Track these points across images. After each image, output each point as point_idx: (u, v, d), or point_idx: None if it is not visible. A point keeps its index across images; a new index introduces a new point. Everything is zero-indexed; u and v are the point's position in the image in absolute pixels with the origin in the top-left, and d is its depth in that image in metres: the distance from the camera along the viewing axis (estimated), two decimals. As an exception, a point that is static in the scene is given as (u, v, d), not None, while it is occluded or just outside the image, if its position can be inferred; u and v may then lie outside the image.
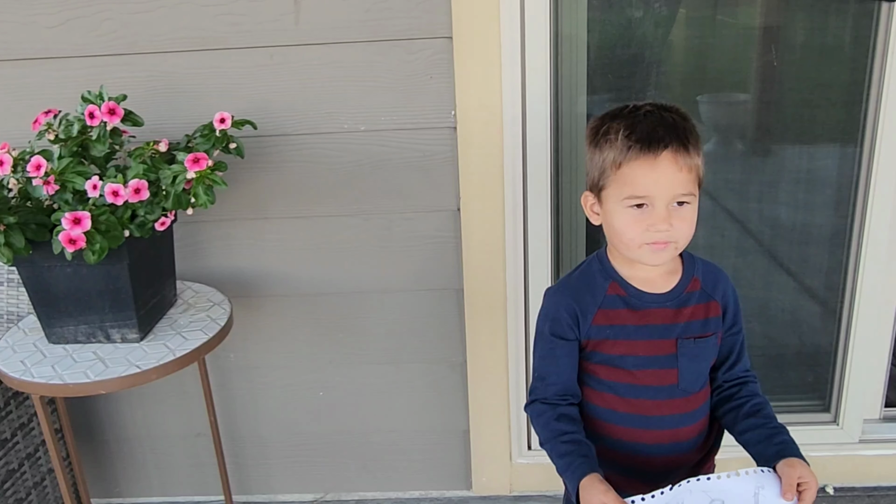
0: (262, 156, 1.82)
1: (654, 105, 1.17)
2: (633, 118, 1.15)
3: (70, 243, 1.34)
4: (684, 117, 1.16)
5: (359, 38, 1.73)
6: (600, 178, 1.17)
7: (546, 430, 1.23)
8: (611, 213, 1.18)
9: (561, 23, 1.81)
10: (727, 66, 1.99)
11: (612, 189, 1.16)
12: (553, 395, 1.25)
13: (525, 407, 1.30)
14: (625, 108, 1.18)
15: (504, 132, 1.79)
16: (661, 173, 1.11)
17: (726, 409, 1.28)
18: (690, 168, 1.13)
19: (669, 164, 1.11)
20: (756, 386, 1.29)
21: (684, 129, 1.14)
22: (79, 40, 1.73)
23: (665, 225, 1.12)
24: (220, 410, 2.04)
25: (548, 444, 1.22)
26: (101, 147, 1.51)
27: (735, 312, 1.27)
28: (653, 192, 1.12)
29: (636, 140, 1.12)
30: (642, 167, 1.12)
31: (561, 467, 1.19)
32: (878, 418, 2.12)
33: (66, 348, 1.55)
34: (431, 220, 1.88)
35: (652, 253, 1.16)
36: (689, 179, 1.14)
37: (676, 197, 1.13)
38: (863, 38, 1.82)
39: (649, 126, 1.13)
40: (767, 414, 1.23)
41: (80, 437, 2.07)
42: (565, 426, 1.22)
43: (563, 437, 1.20)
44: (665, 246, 1.15)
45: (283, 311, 1.97)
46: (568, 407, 1.25)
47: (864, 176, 1.88)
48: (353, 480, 2.16)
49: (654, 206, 1.13)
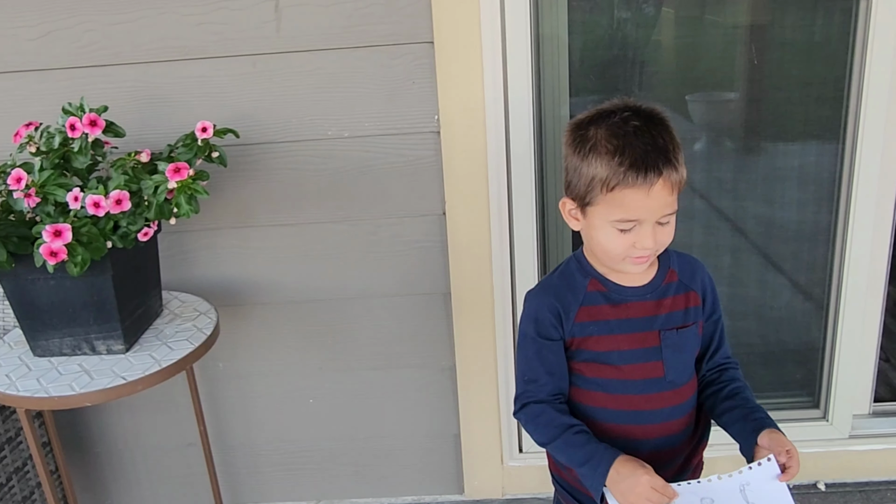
0: (247, 164, 1.82)
1: (636, 112, 1.15)
2: (621, 132, 1.12)
3: (51, 256, 1.33)
4: (668, 129, 1.15)
5: (341, 44, 1.73)
6: (587, 193, 1.15)
7: (550, 427, 1.22)
8: (595, 228, 1.18)
9: (542, 25, 1.81)
10: (712, 65, 1.99)
11: (601, 208, 1.15)
12: (547, 396, 1.25)
13: (515, 413, 1.28)
14: (606, 113, 1.16)
15: (488, 135, 1.79)
16: (653, 200, 1.12)
17: (707, 394, 1.29)
18: (679, 185, 1.14)
19: (662, 190, 1.12)
20: (736, 371, 1.30)
21: (673, 149, 1.13)
22: (60, 52, 1.73)
23: (651, 243, 1.14)
24: (209, 420, 2.03)
25: (557, 441, 1.21)
26: (83, 159, 1.51)
27: (713, 301, 1.29)
28: (644, 216, 1.13)
29: (630, 166, 1.10)
30: (637, 195, 1.11)
31: (581, 458, 1.17)
32: (868, 413, 2.12)
33: (51, 361, 1.54)
34: (417, 225, 1.88)
35: (634, 265, 1.19)
36: (675, 197, 1.15)
37: (663, 217, 1.15)
38: (843, 35, 1.83)
39: (642, 150, 1.11)
40: (745, 396, 1.25)
41: (69, 450, 2.07)
42: (571, 419, 1.22)
43: (574, 428, 1.20)
44: (646, 259, 1.18)
45: (271, 319, 1.97)
46: (563, 405, 1.25)
47: (848, 172, 1.89)
48: (345, 487, 2.16)
49: (641, 226, 1.14)
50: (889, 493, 2.06)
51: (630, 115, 1.14)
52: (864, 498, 2.05)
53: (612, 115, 1.15)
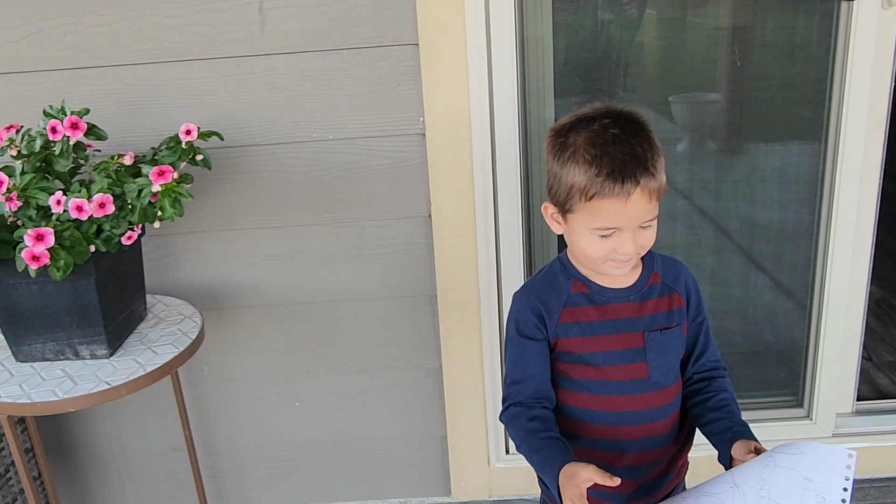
0: (231, 167, 1.81)
1: (616, 118, 1.15)
2: (600, 141, 1.12)
3: (33, 260, 1.32)
4: (648, 136, 1.15)
5: (325, 46, 1.72)
6: (567, 200, 1.16)
7: (521, 431, 1.23)
8: (576, 234, 1.19)
9: (526, 27, 1.82)
10: (695, 66, 2.01)
11: (580, 216, 1.16)
12: (527, 398, 1.25)
13: (500, 415, 1.29)
14: (586, 119, 1.16)
15: (473, 137, 1.79)
16: (632, 208, 1.12)
17: (694, 402, 1.29)
18: (659, 192, 1.15)
19: (640, 199, 1.12)
20: (725, 381, 1.31)
21: (652, 156, 1.13)
22: (41, 54, 1.71)
23: (632, 249, 1.15)
24: (195, 424, 2.02)
25: (524, 445, 1.22)
26: (65, 162, 1.49)
27: (698, 302, 1.29)
28: (623, 223, 1.14)
29: (608, 176, 1.10)
30: (615, 204, 1.11)
31: (538, 462, 1.18)
32: (851, 412, 2.14)
33: (33, 366, 1.53)
34: (403, 227, 1.87)
35: (615, 268, 1.20)
36: (655, 204, 1.15)
37: (644, 223, 1.15)
38: (824, 37, 1.84)
39: (619, 160, 1.11)
40: (731, 410, 1.25)
41: (53, 456, 2.05)
42: (540, 425, 1.22)
43: (540, 434, 1.20)
44: (628, 263, 1.19)
45: (256, 323, 1.96)
46: (542, 410, 1.25)
47: (830, 172, 1.91)
48: (332, 490, 2.15)
49: (621, 232, 1.14)
50: (872, 491, 2.07)
51: (609, 122, 1.14)
52: (862, 496, 2.06)
53: (591, 121, 1.15)
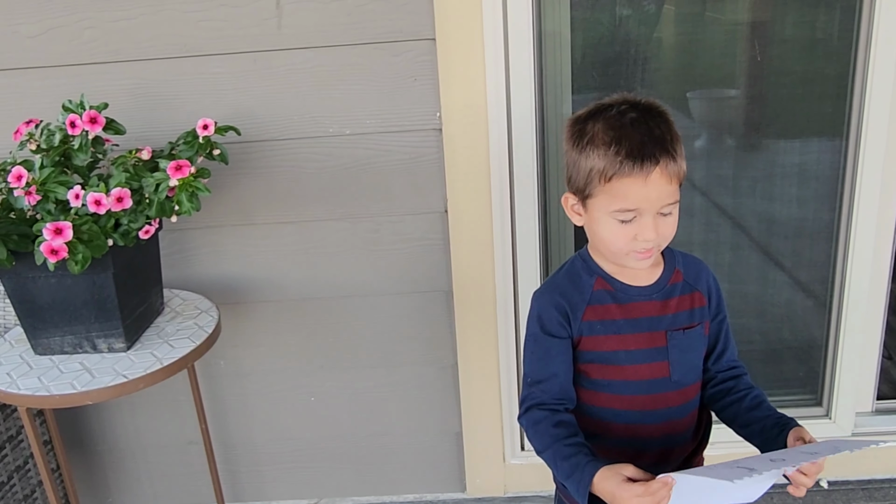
0: (248, 161, 1.81)
1: (634, 105, 1.15)
2: (618, 124, 1.13)
3: (52, 254, 1.33)
4: (666, 121, 1.15)
5: (342, 41, 1.72)
6: (586, 185, 1.16)
7: (545, 437, 1.20)
8: (597, 221, 1.18)
9: (544, 21, 1.80)
10: (714, 61, 1.99)
11: (600, 200, 1.15)
12: (551, 399, 1.22)
13: (519, 417, 1.26)
14: (604, 108, 1.16)
15: (490, 133, 1.79)
16: (651, 189, 1.11)
17: (725, 402, 1.27)
18: (678, 176, 1.14)
19: (660, 179, 1.11)
20: (749, 378, 1.30)
21: (671, 139, 1.13)
22: (60, 49, 1.72)
23: (653, 235, 1.14)
24: (211, 418, 2.03)
25: (548, 451, 1.19)
26: (84, 156, 1.50)
27: (718, 300, 1.28)
28: (643, 205, 1.12)
29: (627, 155, 1.10)
30: (635, 184, 1.11)
31: (566, 470, 1.15)
32: (871, 411, 2.12)
33: (52, 359, 1.54)
34: (419, 223, 1.87)
35: (637, 260, 1.18)
36: (675, 188, 1.15)
37: (664, 208, 1.14)
38: (846, 31, 1.82)
39: (638, 140, 1.11)
40: (769, 406, 1.24)
41: (71, 448, 2.06)
42: (566, 431, 1.19)
43: (566, 440, 1.18)
44: (650, 254, 1.17)
45: (272, 317, 1.96)
46: (566, 414, 1.23)
47: (851, 169, 1.89)
48: (347, 485, 2.15)
49: (642, 217, 1.13)
50: (892, 491, 2.05)
51: (627, 108, 1.15)
52: (867, 495, 2.05)
53: (609, 108, 1.16)
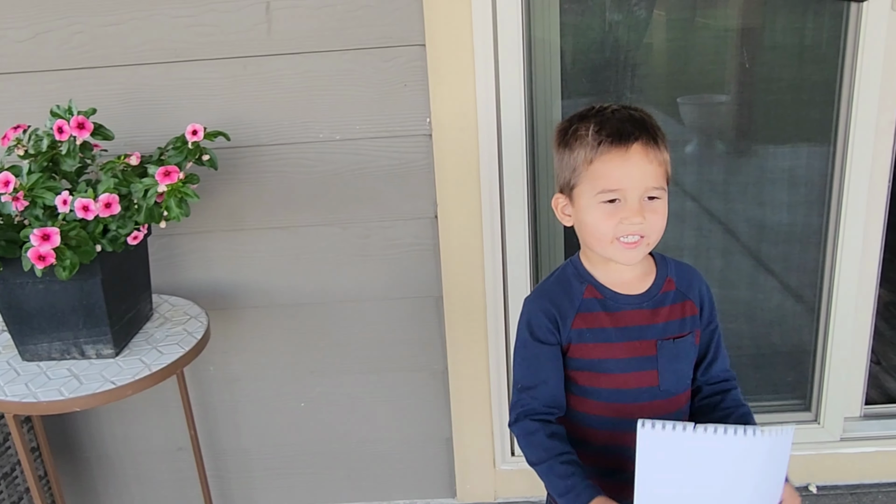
0: (238, 167, 1.81)
1: (620, 105, 1.20)
2: (601, 116, 1.18)
3: (39, 260, 1.32)
4: (649, 114, 1.20)
5: (332, 46, 1.72)
6: (572, 176, 1.19)
7: (539, 450, 1.20)
8: (583, 211, 1.19)
9: (534, 28, 1.81)
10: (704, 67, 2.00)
11: (585, 185, 1.17)
12: (541, 407, 1.22)
13: (511, 425, 1.26)
14: (591, 110, 1.20)
15: (480, 138, 1.79)
16: (632, 165, 1.14)
17: (711, 419, 1.26)
18: (660, 162, 1.17)
19: (640, 156, 1.14)
20: (737, 392, 1.29)
21: (652, 125, 1.18)
22: (50, 54, 1.72)
23: (638, 217, 1.14)
24: (200, 424, 2.02)
25: (543, 464, 1.19)
26: (72, 161, 1.49)
27: (710, 310, 1.28)
28: (625, 184, 1.14)
29: (607, 135, 1.14)
30: (614, 160, 1.14)
31: (562, 489, 1.15)
32: (859, 416, 2.13)
33: (39, 365, 1.53)
34: (409, 228, 1.87)
35: (624, 250, 1.17)
36: (659, 173, 1.16)
37: (648, 190, 1.15)
38: (834, 39, 1.83)
39: (618, 121, 1.16)
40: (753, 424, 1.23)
41: (59, 455, 2.05)
42: (561, 445, 1.20)
43: (562, 457, 1.18)
44: (636, 244, 1.16)
45: (262, 323, 1.96)
46: (557, 426, 1.23)
47: (839, 174, 1.90)
48: (337, 491, 2.15)
49: (626, 199, 1.14)
50: (880, 496, 2.06)
51: (615, 106, 1.20)
52: (855, 500, 2.05)
53: (592, 110, 1.21)
